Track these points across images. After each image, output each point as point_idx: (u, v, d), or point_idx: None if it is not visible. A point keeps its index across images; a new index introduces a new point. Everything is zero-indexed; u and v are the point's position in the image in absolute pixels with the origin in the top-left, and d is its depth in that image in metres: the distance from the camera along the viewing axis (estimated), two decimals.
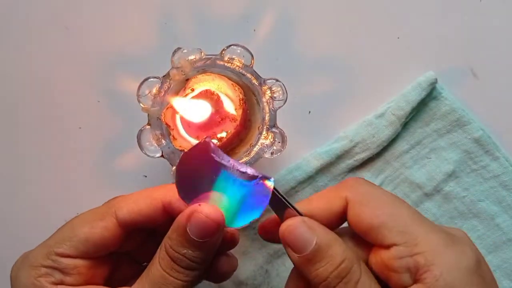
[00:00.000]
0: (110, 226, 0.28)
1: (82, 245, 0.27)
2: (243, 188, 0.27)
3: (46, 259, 0.27)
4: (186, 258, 0.26)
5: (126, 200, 0.29)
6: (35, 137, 0.42)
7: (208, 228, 0.26)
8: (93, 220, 0.28)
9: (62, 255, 0.27)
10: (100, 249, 0.28)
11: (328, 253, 0.25)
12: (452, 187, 0.41)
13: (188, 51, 0.33)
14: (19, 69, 0.42)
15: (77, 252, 0.27)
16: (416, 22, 0.42)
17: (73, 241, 0.27)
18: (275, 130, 0.33)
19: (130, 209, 0.28)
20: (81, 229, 0.28)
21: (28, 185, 0.42)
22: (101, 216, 0.28)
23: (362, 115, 0.41)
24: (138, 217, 0.28)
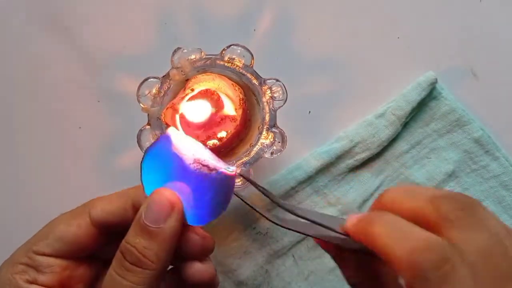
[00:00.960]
0: (83, 224, 0.28)
1: (57, 243, 0.27)
2: (206, 182, 0.26)
3: (24, 256, 0.27)
4: (136, 250, 0.25)
5: (102, 199, 0.29)
6: (35, 137, 0.42)
7: (162, 208, 0.25)
8: (69, 219, 0.28)
9: (38, 253, 0.27)
10: (75, 248, 0.28)
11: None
12: (452, 187, 0.41)
13: (188, 51, 0.33)
14: (19, 69, 0.42)
15: (52, 250, 0.27)
16: (416, 22, 0.42)
17: (49, 239, 0.27)
18: (275, 130, 0.33)
19: (103, 208, 0.28)
20: (57, 227, 0.28)
21: (28, 184, 0.42)
22: (76, 215, 0.28)
23: (362, 115, 0.41)
24: (111, 217, 0.28)
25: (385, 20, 0.42)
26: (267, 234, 0.40)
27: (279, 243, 0.40)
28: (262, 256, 0.40)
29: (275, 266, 0.41)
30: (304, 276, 0.41)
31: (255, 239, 0.40)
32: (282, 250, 0.40)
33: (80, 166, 0.42)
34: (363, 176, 0.41)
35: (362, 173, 0.41)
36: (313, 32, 0.42)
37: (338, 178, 0.41)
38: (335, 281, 0.40)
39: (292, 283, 0.40)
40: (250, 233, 0.40)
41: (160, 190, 0.26)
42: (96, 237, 0.28)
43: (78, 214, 0.28)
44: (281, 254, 0.41)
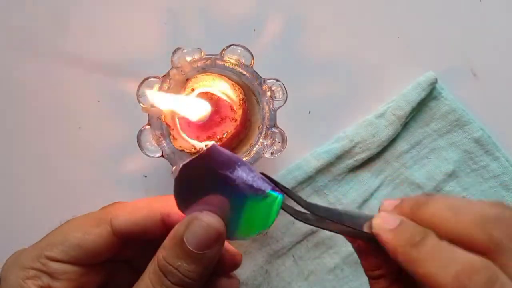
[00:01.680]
0: (104, 234, 0.27)
1: (74, 250, 0.26)
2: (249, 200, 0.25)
3: (36, 261, 0.26)
4: (179, 272, 0.24)
5: (124, 208, 0.28)
6: (35, 137, 0.42)
7: (208, 237, 0.25)
8: (87, 226, 0.27)
9: (52, 259, 0.26)
10: (92, 256, 0.27)
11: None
12: (452, 187, 0.41)
13: (188, 51, 0.33)
14: (18, 69, 0.42)
15: (67, 258, 0.26)
16: (416, 22, 0.42)
17: (64, 245, 0.26)
18: (275, 130, 0.33)
19: (127, 218, 0.27)
20: (74, 234, 0.27)
21: (28, 184, 0.42)
22: (96, 222, 0.27)
23: (362, 115, 0.41)
24: (135, 227, 0.27)
25: (385, 20, 0.42)
26: (267, 234, 0.40)
27: (279, 243, 0.40)
28: (262, 256, 0.40)
29: (275, 266, 0.41)
30: (304, 276, 0.41)
31: (255, 239, 0.40)
32: (282, 250, 0.40)
33: (80, 166, 0.42)
34: (363, 176, 0.41)
35: (362, 173, 0.41)
36: (313, 32, 0.42)
37: (338, 178, 0.41)
38: (335, 281, 0.40)
39: (292, 283, 0.40)
40: None
41: (205, 216, 0.25)
42: (116, 245, 0.28)
43: (98, 221, 0.27)
44: (281, 254, 0.41)
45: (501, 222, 0.21)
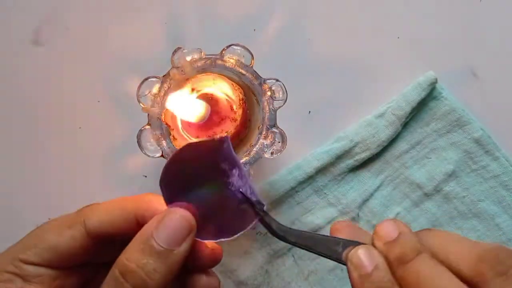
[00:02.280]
0: (77, 235, 0.26)
1: (47, 253, 0.26)
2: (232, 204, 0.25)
3: (9, 264, 0.25)
4: (143, 272, 0.23)
5: (98, 209, 0.27)
6: (35, 137, 0.42)
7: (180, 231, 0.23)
8: (61, 228, 0.26)
9: (26, 262, 0.25)
10: (66, 259, 0.26)
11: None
12: (452, 187, 0.41)
13: (188, 51, 0.33)
14: (18, 69, 0.42)
15: (41, 260, 0.26)
16: (416, 22, 0.42)
17: (38, 248, 0.26)
18: (275, 130, 0.33)
19: (101, 219, 0.26)
20: (48, 236, 0.26)
21: (28, 184, 0.42)
22: (69, 223, 0.27)
23: (362, 115, 0.41)
24: (109, 228, 0.26)
25: (385, 20, 0.42)
26: (267, 234, 0.40)
27: (279, 243, 0.40)
28: (262, 256, 0.40)
29: (275, 266, 0.41)
30: (304, 276, 0.41)
31: (255, 239, 0.40)
32: (282, 250, 0.40)
33: (80, 166, 0.42)
34: (363, 176, 0.41)
35: (362, 173, 0.41)
36: (313, 32, 0.42)
37: (338, 178, 0.41)
38: (335, 281, 0.40)
39: (292, 283, 0.40)
40: (250, 233, 0.40)
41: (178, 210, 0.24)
42: (91, 247, 0.27)
43: (72, 223, 0.26)
44: (281, 254, 0.41)
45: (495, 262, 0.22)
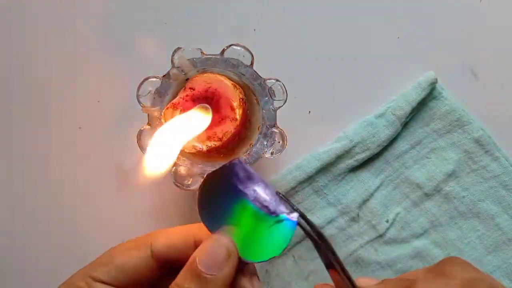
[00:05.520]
0: (143, 256, 0.28)
1: (115, 271, 0.27)
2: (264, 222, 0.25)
3: (81, 281, 0.27)
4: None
5: (165, 232, 0.29)
6: (35, 137, 0.42)
7: (219, 256, 0.25)
8: (130, 249, 0.28)
9: (96, 279, 0.27)
10: (133, 278, 0.28)
11: None
12: (452, 187, 0.41)
13: (188, 51, 0.33)
14: (18, 69, 0.42)
15: (110, 279, 0.27)
16: (416, 22, 0.42)
17: (108, 267, 0.27)
18: (275, 130, 0.33)
19: (165, 242, 0.28)
20: (118, 256, 0.28)
21: (27, 185, 0.42)
22: (137, 245, 0.28)
23: (362, 115, 0.41)
24: (172, 251, 0.28)
25: (385, 20, 0.42)
26: None
27: None
28: None
29: (275, 266, 0.41)
30: (304, 276, 0.40)
31: None
32: None
33: (80, 166, 0.42)
34: (363, 176, 0.41)
35: (362, 173, 0.41)
36: (313, 32, 0.42)
37: (338, 178, 0.41)
38: None
39: (292, 283, 0.40)
40: None
41: (218, 237, 0.25)
42: (156, 269, 0.28)
43: (140, 245, 0.28)
44: (281, 254, 0.40)
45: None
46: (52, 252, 0.41)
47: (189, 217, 0.41)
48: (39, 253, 0.41)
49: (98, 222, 0.41)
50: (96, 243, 0.39)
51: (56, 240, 0.42)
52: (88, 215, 0.42)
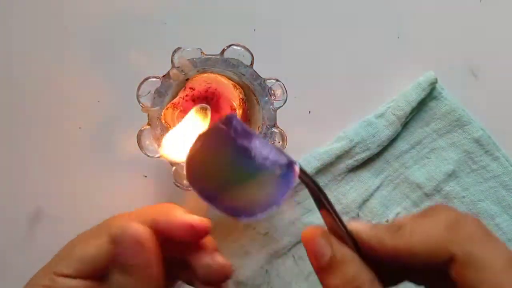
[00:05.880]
0: (102, 243, 0.27)
1: (78, 263, 0.27)
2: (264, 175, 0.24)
3: (45, 278, 0.27)
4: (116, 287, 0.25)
5: (120, 217, 0.28)
6: (35, 137, 0.42)
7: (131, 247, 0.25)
8: (87, 238, 0.28)
9: (59, 274, 0.26)
10: (96, 268, 0.27)
11: (340, 269, 0.26)
12: (452, 187, 0.41)
13: (188, 51, 0.33)
14: (18, 69, 0.42)
15: (72, 271, 0.27)
16: (416, 22, 0.42)
17: (69, 260, 0.27)
18: (275, 130, 0.33)
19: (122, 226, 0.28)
20: (77, 248, 0.27)
21: (27, 185, 0.42)
22: (95, 234, 0.28)
23: (362, 115, 0.41)
24: None
25: (385, 20, 0.42)
26: (267, 234, 0.40)
27: (279, 243, 0.40)
28: (262, 257, 0.40)
29: (275, 266, 0.41)
30: (304, 276, 0.40)
31: (255, 239, 0.40)
32: (282, 250, 0.40)
33: (79, 166, 0.42)
34: (363, 176, 0.41)
35: (362, 173, 0.41)
36: (313, 31, 0.42)
37: (338, 178, 0.41)
38: None
39: (292, 283, 0.40)
40: (250, 233, 0.40)
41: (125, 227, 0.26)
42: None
43: (97, 233, 0.28)
44: (281, 254, 0.41)
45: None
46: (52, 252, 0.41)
47: None
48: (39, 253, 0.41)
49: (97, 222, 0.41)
50: None
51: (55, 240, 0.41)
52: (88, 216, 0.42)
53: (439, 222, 0.25)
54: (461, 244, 0.24)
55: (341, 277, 0.25)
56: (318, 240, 0.26)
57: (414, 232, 0.25)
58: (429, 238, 0.24)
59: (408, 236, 0.25)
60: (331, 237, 0.26)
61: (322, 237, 0.26)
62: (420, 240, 0.24)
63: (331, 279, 0.25)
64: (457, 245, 0.24)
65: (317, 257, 0.26)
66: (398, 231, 0.25)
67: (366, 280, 0.25)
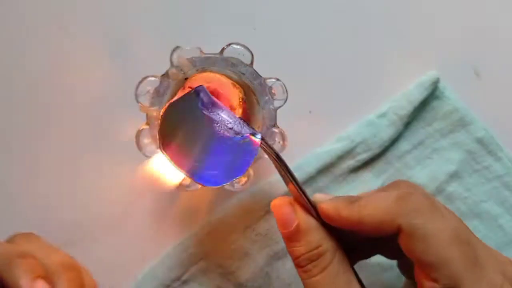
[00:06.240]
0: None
1: None
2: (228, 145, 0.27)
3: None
4: None
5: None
6: (35, 137, 0.42)
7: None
8: None
9: None
10: None
11: (305, 237, 0.27)
12: (455, 187, 0.41)
13: (187, 50, 0.33)
14: (18, 69, 0.42)
15: None
16: (418, 21, 0.42)
17: None
18: (275, 130, 0.33)
19: None
20: None
21: (26, 185, 0.42)
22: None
23: (363, 115, 0.41)
24: None
25: (386, 19, 0.42)
26: (267, 236, 0.40)
27: (279, 245, 0.40)
28: (262, 258, 0.40)
29: (275, 268, 0.40)
30: None
31: (255, 241, 0.40)
32: (282, 252, 0.40)
33: (79, 166, 0.41)
34: (364, 177, 0.41)
35: (363, 174, 0.41)
36: (314, 31, 0.42)
37: (339, 179, 0.41)
38: None
39: (292, 285, 0.40)
40: (250, 234, 0.40)
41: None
42: None
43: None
44: (281, 256, 0.40)
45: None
46: None
47: (189, 217, 0.41)
48: None
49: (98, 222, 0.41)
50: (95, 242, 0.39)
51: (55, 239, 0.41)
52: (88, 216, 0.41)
53: (390, 195, 0.26)
54: (407, 216, 0.25)
55: (305, 245, 0.27)
56: (285, 209, 0.28)
57: (367, 204, 0.26)
58: (378, 210, 0.26)
59: (361, 208, 0.26)
60: (297, 206, 0.28)
61: (289, 205, 0.28)
62: (370, 212, 0.26)
63: (296, 246, 0.27)
64: (403, 217, 0.25)
65: (284, 225, 0.28)
66: (354, 203, 0.27)
67: (328, 249, 0.27)
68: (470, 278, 0.24)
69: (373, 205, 0.26)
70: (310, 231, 0.27)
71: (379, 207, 0.26)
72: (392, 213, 0.25)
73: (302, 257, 0.27)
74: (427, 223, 0.25)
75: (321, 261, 0.27)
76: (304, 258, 0.27)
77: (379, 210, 0.26)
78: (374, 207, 0.26)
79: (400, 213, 0.25)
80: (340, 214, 0.27)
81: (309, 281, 0.27)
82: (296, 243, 0.28)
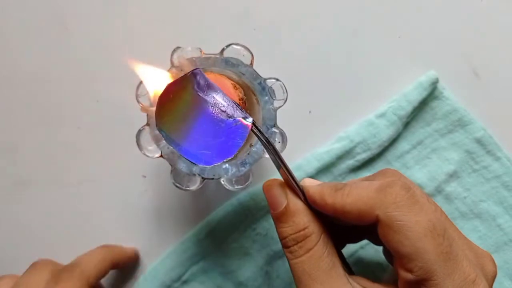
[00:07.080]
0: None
1: None
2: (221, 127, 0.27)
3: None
4: None
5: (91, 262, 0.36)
6: (34, 137, 0.42)
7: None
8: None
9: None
10: None
11: (292, 218, 0.28)
12: (454, 187, 0.41)
13: (187, 50, 0.33)
14: (18, 69, 0.42)
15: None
16: (418, 21, 0.42)
17: None
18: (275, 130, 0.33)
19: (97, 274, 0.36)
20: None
21: (26, 185, 0.42)
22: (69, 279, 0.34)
23: (363, 115, 0.41)
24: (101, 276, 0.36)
25: (386, 19, 0.42)
26: (267, 235, 0.40)
27: (279, 244, 0.40)
28: (262, 257, 0.40)
29: (275, 267, 0.40)
30: None
31: (255, 240, 0.40)
32: (282, 251, 0.40)
33: (79, 167, 0.41)
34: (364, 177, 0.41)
35: (363, 174, 0.41)
36: (314, 31, 0.42)
37: (339, 179, 0.41)
38: None
39: (292, 285, 0.40)
40: (250, 234, 0.40)
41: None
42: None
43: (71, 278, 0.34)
44: (282, 255, 0.40)
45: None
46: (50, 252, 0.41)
47: (188, 217, 0.41)
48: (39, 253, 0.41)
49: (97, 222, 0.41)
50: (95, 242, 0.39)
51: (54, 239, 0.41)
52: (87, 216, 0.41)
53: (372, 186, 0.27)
54: (385, 208, 0.25)
55: (292, 226, 0.28)
56: (276, 190, 0.29)
57: (350, 192, 0.27)
58: (359, 199, 0.26)
59: (343, 197, 0.27)
60: (287, 189, 0.29)
61: (279, 187, 0.29)
62: (351, 201, 0.27)
63: (284, 226, 0.28)
64: (381, 209, 0.25)
65: (274, 205, 0.29)
66: (339, 191, 0.27)
67: (314, 231, 0.28)
68: (442, 270, 0.25)
69: (354, 194, 0.27)
70: (298, 213, 0.28)
71: (360, 197, 0.27)
72: (371, 204, 0.26)
73: (288, 237, 0.28)
74: (404, 215, 0.25)
75: (306, 242, 0.28)
76: (291, 238, 0.28)
77: (359, 200, 0.26)
78: (356, 196, 0.27)
79: (379, 205, 0.26)
80: (325, 200, 0.27)
81: (294, 261, 0.28)
82: (284, 224, 0.28)
